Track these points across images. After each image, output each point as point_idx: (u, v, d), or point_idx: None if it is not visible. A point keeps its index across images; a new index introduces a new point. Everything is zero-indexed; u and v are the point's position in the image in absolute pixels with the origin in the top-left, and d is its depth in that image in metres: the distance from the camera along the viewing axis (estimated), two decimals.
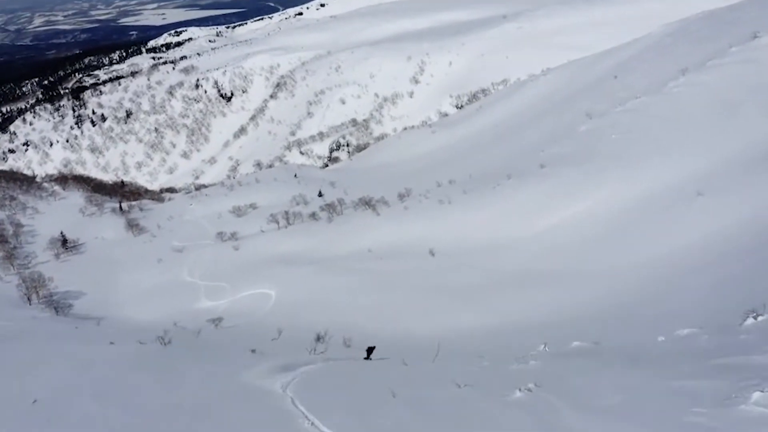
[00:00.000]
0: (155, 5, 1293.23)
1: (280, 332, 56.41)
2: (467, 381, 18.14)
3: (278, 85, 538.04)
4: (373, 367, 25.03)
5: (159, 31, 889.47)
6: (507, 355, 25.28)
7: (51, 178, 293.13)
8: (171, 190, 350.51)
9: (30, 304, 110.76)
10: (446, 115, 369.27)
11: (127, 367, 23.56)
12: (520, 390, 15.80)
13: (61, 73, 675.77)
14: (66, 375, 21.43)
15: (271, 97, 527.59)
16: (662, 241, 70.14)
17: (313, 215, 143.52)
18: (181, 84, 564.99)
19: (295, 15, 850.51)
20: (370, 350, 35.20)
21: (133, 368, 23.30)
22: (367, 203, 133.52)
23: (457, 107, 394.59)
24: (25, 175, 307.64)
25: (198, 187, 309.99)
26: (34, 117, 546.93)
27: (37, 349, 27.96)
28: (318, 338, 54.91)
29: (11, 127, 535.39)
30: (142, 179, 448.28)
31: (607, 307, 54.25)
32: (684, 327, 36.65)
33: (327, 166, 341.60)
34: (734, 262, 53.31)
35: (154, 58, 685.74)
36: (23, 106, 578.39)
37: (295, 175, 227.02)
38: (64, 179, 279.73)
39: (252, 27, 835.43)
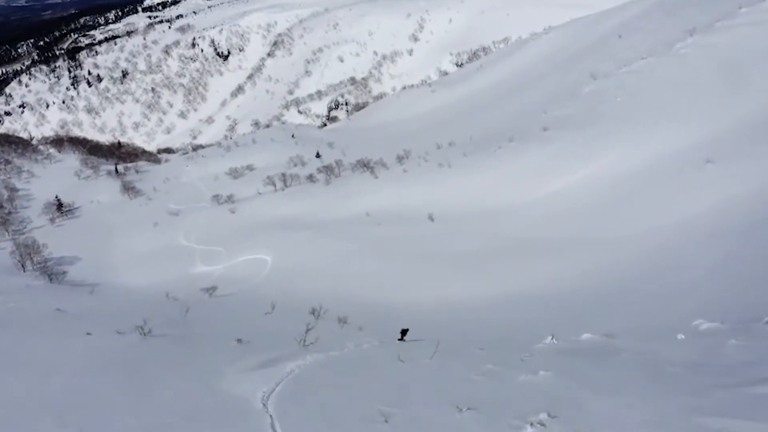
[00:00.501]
0: None
1: (273, 306, 54.25)
2: (469, 399, 15.86)
3: (275, 43, 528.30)
4: (364, 370, 22.80)
5: None
6: (512, 353, 23.02)
7: (47, 141, 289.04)
8: (168, 150, 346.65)
9: (24, 271, 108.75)
10: (446, 73, 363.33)
11: (94, 371, 21.34)
12: (531, 425, 13.46)
13: (57, 33, 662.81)
14: (21, 386, 19.24)
15: (269, 55, 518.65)
16: (669, 211, 66.89)
17: (310, 177, 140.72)
18: (177, 43, 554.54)
19: None
20: (404, 332, 35.68)
21: (101, 374, 21.07)
22: (365, 165, 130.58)
23: (457, 65, 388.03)
24: (20, 138, 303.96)
25: (195, 148, 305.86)
26: (30, 79, 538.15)
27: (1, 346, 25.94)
28: (313, 311, 53.06)
29: (7, 90, 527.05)
30: (139, 140, 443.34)
31: (611, 282, 51.65)
32: (697, 309, 34.66)
33: (325, 125, 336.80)
34: (745, 234, 50.51)
35: (150, 17, 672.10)
36: (19, 68, 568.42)
37: (293, 136, 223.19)
38: (59, 142, 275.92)
39: None
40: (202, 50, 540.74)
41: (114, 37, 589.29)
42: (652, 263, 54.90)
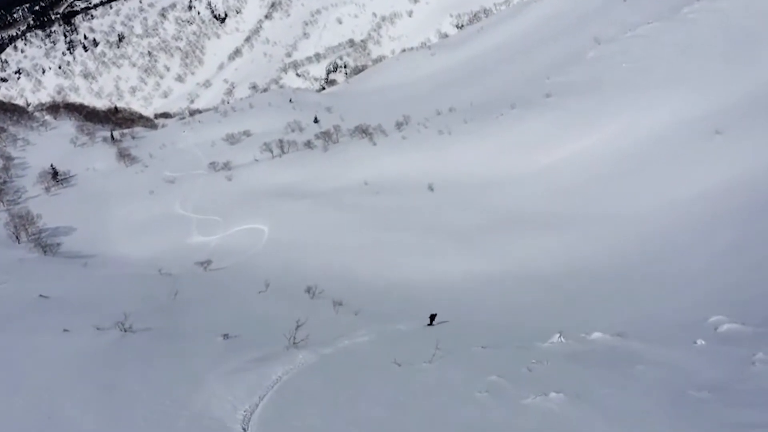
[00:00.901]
0: None
1: (267, 285, 52.45)
2: (471, 429, 14.05)
3: (273, 4, 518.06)
4: (356, 379, 20.94)
5: None
6: (517, 356, 21.20)
7: (42, 108, 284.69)
8: (165, 115, 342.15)
9: (19, 243, 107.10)
10: (446, 35, 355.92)
11: (66, 385, 19.56)
12: None
13: None
14: None
15: (266, 17, 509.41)
16: (676, 186, 64.06)
17: (308, 143, 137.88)
18: (173, 5, 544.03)
19: None
20: (432, 318, 36.50)
21: (73, 387, 19.29)
22: (363, 131, 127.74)
23: (457, 27, 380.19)
24: (16, 105, 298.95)
25: (192, 112, 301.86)
26: (26, 44, 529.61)
27: None
28: (308, 290, 51.42)
29: (3, 56, 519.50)
30: (136, 104, 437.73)
31: (617, 264, 49.07)
32: (708, 299, 32.78)
33: (324, 89, 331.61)
34: (756, 214, 48.37)
35: None
36: (14, 34, 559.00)
37: (291, 100, 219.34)
38: (55, 108, 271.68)
39: None
40: (198, 13, 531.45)
41: (110, 0, 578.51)
42: (659, 244, 52.50)
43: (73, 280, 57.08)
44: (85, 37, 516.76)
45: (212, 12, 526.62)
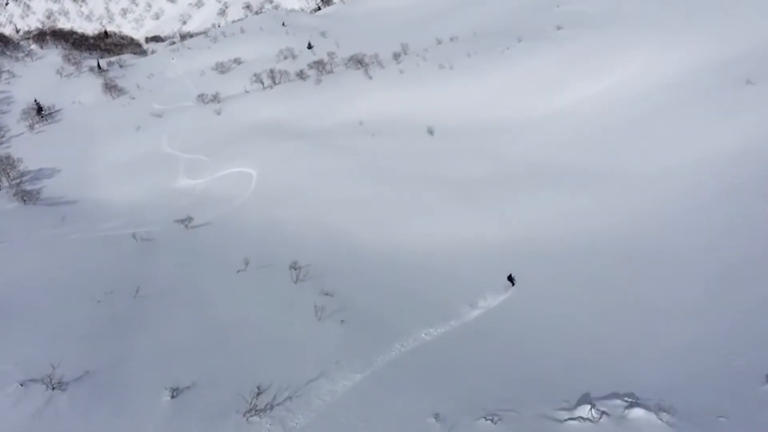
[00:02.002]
0: None
1: (247, 263, 44.65)
2: None
3: None
4: None
5: None
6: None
7: (28, 36, 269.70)
8: (156, 38, 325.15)
9: (0, 189, 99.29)
10: None
11: None
12: None
13: None
14: None
15: None
16: (702, 142, 54.81)
17: (300, 74, 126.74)
18: None
19: None
20: (511, 279, 38.09)
21: None
22: (359, 62, 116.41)
23: None
24: (1, 35, 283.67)
25: (183, 36, 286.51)
26: None
27: None
28: (293, 267, 43.59)
29: None
30: (127, 26, 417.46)
31: (639, 241, 40.41)
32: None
33: (319, 9, 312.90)
34: None
35: None
36: None
37: (283, 24, 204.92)
38: (42, 36, 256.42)
39: None
40: None
41: None
42: (688, 214, 43.89)
43: (34, 262, 49.11)
44: None
45: None
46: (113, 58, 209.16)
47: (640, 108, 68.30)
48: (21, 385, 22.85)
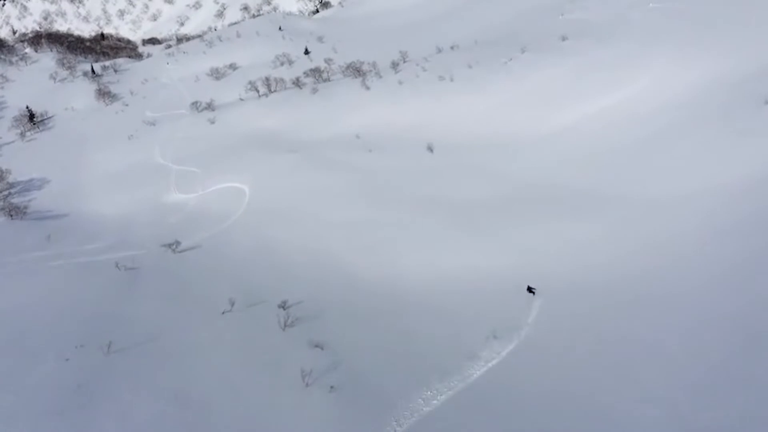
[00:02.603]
0: None
1: (233, 303, 41.16)
2: None
3: None
4: None
5: None
6: None
7: (24, 38, 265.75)
8: (153, 40, 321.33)
9: None
10: None
11: None
12: None
13: None
14: None
15: None
16: (717, 165, 51.09)
17: (297, 82, 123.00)
18: None
19: None
20: (531, 290, 38.37)
21: None
22: (356, 70, 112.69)
23: None
24: None
25: (180, 39, 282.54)
26: None
27: None
28: (282, 307, 40.40)
29: None
30: (124, 28, 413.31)
31: (649, 279, 37.09)
32: None
33: (317, 11, 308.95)
34: None
35: None
36: None
37: (280, 28, 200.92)
38: (37, 39, 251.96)
39: None
40: None
41: None
42: (704, 246, 40.12)
43: (7, 302, 45.43)
44: None
45: None
46: (108, 62, 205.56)
47: (650, 127, 64.07)
48: None
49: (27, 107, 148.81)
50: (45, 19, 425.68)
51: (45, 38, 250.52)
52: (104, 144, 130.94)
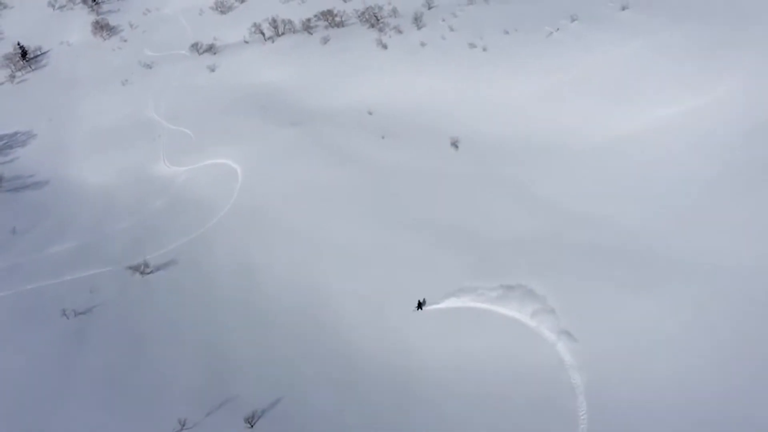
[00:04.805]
0: None
1: (183, 423, 29.43)
2: None
3: None
4: None
5: None
6: None
7: None
8: None
9: None
10: None
11: None
12: None
13: None
14: None
15: None
16: None
17: (307, 25, 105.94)
18: None
19: None
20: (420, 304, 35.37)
21: None
22: (374, 17, 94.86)
23: None
24: None
25: None
26: None
27: None
28: (249, 421, 28.72)
29: None
30: None
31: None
32: None
33: None
34: None
35: None
36: None
37: None
38: None
39: None
40: None
41: None
42: None
43: None
44: None
45: None
46: None
47: (743, 154, 43.84)
48: None
49: (19, 44, 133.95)
50: None
51: None
52: (97, 90, 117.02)
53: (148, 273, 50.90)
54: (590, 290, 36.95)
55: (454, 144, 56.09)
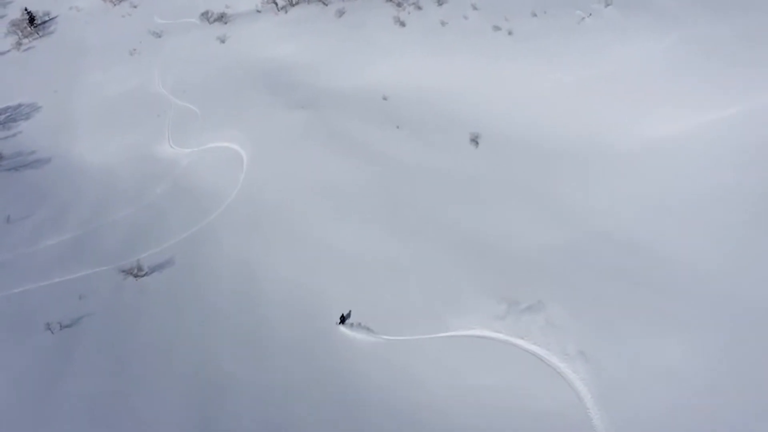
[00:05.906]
0: None
1: None
2: None
3: None
4: None
5: None
6: None
7: None
8: None
9: None
10: None
11: None
12: None
13: None
14: None
15: None
16: None
17: None
18: None
19: None
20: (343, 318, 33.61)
21: None
22: None
23: None
24: None
25: None
26: None
27: None
28: None
29: None
30: None
31: None
32: None
33: None
34: None
35: None
36: None
37: None
38: None
39: None
40: None
41: None
42: None
43: None
44: None
45: None
46: None
47: None
48: None
49: (26, 9, 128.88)
50: None
51: None
52: (104, 59, 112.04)
53: (142, 275, 47.01)
54: (614, 323, 32.26)
55: (474, 140, 50.78)
